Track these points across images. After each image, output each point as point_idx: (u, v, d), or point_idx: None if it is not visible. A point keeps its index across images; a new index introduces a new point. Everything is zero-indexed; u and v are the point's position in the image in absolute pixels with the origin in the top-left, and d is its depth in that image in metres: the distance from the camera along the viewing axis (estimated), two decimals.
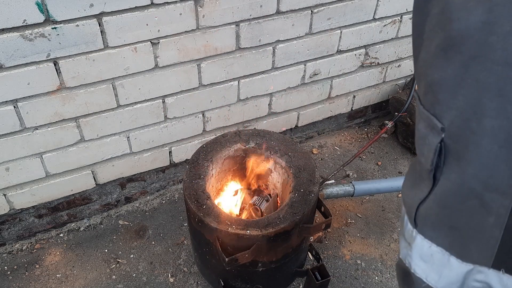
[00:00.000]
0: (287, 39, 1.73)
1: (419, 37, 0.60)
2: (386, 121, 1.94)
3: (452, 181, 0.56)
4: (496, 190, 0.51)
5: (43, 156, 1.55)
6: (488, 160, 0.50)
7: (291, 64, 1.83)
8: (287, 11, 1.64)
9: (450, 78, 0.52)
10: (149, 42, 1.47)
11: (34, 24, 1.27)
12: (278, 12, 1.63)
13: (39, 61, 1.34)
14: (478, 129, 0.50)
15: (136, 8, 1.38)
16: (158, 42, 1.48)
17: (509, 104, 0.47)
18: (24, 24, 1.25)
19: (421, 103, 0.59)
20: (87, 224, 1.82)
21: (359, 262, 1.69)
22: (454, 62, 0.51)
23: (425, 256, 0.63)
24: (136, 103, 1.60)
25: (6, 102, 1.37)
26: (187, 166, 1.44)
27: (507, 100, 0.47)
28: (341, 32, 1.84)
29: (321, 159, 2.15)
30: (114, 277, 1.63)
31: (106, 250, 1.72)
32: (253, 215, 1.54)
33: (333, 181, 1.89)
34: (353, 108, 2.23)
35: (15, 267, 1.66)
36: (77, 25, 1.32)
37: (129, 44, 1.44)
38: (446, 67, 0.52)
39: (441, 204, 0.59)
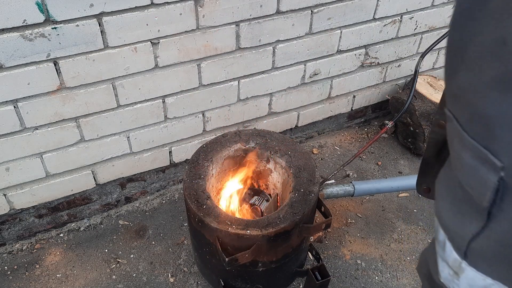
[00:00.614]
0: (287, 39, 1.73)
1: (458, 54, 0.54)
2: (386, 121, 1.94)
3: None
4: None
5: (43, 156, 1.55)
6: None
7: (291, 64, 1.83)
8: (287, 11, 1.64)
9: (511, 115, 0.47)
10: (149, 42, 1.47)
11: (34, 24, 1.27)
12: (278, 12, 1.63)
13: (39, 61, 1.34)
14: None
15: (136, 8, 1.38)
16: (158, 42, 1.48)
17: None
18: (24, 24, 1.25)
19: (464, 129, 0.54)
20: (87, 224, 1.82)
21: (359, 262, 1.69)
22: None
23: (477, 287, 0.61)
24: (136, 103, 1.60)
25: (6, 102, 1.37)
26: (187, 166, 1.44)
27: None
28: (341, 32, 1.84)
29: (321, 159, 2.15)
30: (114, 277, 1.63)
31: (106, 250, 1.72)
32: (253, 215, 1.54)
33: (333, 181, 1.89)
34: (353, 108, 2.23)
35: (15, 267, 1.66)
36: (77, 25, 1.32)
37: (129, 44, 1.44)
38: (507, 103, 0.47)
39: (502, 242, 0.55)
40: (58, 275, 1.63)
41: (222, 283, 1.41)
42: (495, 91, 0.48)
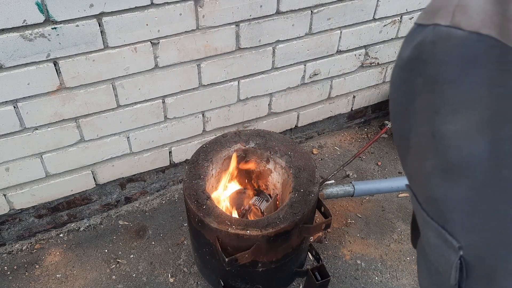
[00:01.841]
0: (287, 39, 1.73)
1: (403, 139, 0.56)
2: (386, 121, 1.94)
3: None
4: None
5: (43, 156, 1.55)
6: None
7: (291, 64, 1.83)
8: (287, 11, 1.64)
9: (460, 201, 0.48)
10: (149, 42, 1.47)
11: (34, 24, 1.27)
12: (278, 12, 1.63)
13: (39, 61, 1.34)
14: (509, 257, 0.47)
15: (136, 8, 1.38)
16: (158, 42, 1.48)
17: None
18: (24, 24, 1.25)
19: (423, 208, 0.54)
20: (87, 224, 1.82)
21: (359, 262, 1.68)
22: (461, 185, 0.47)
23: None
24: (136, 103, 1.60)
25: (6, 102, 1.37)
26: (187, 166, 1.44)
27: None
28: (341, 32, 1.84)
29: (321, 159, 2.15)
30: (114, 277, 1.63)
31: (106, 250, 1.72)
32: (253, 215, 1.54)
33: (333, 181, 1.89)
34: (353, 108, 2.23)
35: (15, 267, 1.66)
36: (77, 25, 1.32)
37: (129, 44, 1.44)
38: (452, 189, 0.48)
39: None
40: (58, 275, 1.63)
41: (222, 283, 1.41)
42: (438, 178, 0.49)
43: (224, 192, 1.57)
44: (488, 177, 0.45)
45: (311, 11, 1.70)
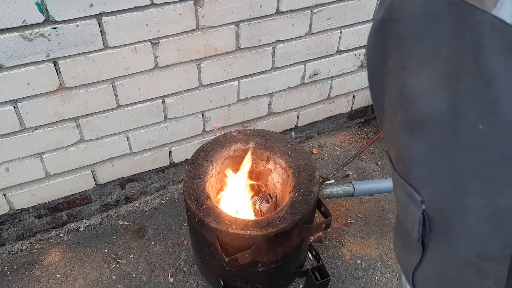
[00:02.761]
0: (287, 39, 1.73)
1: (379, 105, 0.59)
2: None
3: (444, 252, 0.55)
4: (491, 258, 0.51)
5: (43, 156, 1.55)
6: (477, 234, 0.50)
7: (291, 64, 1.83)
8: (287, 11, 1.64)
9: (422, 156, 0.52)
10: (149, 42, 1.47)
11: (34, 24, 1.27)
12: (278, 12, 1.63)
13: (39, 61, 1.34)
14: (462, 206, 0.50)
15: (136, 8, 1.38)
16: (158, 42, 1.48)
17: (489, 186, 0.47)
18: (24, 24, 1.25)
19: (395, 169, 0.58)
20: (87, 224, 1.82)
21: (359, 262, 1.69)
22: (424, 141, 0.51)
23: None
24: (136, 103, 1.60)
25: (6, 102, 1.37)
26: (187, 166, 1.44)
27: (487, 182, 0.47)
28: (341, 32, 1.84)
29: (321, 159, 2.15)
30: (114, 277, 1.63)
31: (106, 250, 1.72)
32: (253, 215, 1.54)
33: (333, 181, 1.89)
34: (353, 108, 2.23)
35: (15, 267, 1.66)
36: (77, 25, 1.32)
37: (129, 44, 1.44)
38: (416, 145, 0.52)
39: (437, 272, 0.58)
40: (57, 275, 1.63)
41: (222, 283, 1.41)
42: (405, 135, 0.53)
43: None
44: (446, 129, 0.48)
45: (311, 11, 1.70)
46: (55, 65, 1.37)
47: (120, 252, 1.71)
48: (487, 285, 0.54)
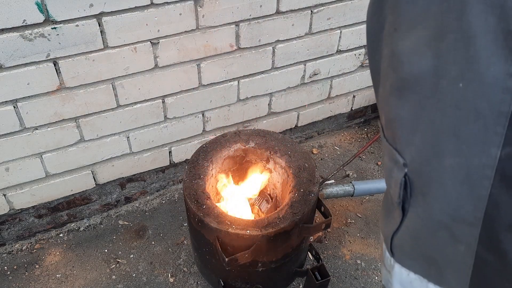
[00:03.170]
0: (287, 39, 1.73)
1: (377, 74, 0.61)
2: None
3: (420, 215, 0.57)
4: (464, 221, 0.52)
5: (43, 156, 1.55)
6: (452, 196, 0.52)
7: (291, 64, 1.83)
8: (287, 11, 1.64)
9: (406, 117, 0.54)
10: (149, 42, 1.47)
11: (34, 24, 1.27)
12: (278, 12, 1.63)
13: (38, 61, 1.34)
14: (439, 167, 0.52)
15: (136, 8, 1.38)
16: (158, 42, 1.48)
17: (464, 145, 0.48)
18: (24, 24, 1.25)
19: (384, 136, 0.61)
20: (87, 224, 1.82)
21: (359, 262, 1.69)
22: (409, 101, 0.52)
23: (404, 283, 0.65)
24: (136, 103, 1.60)
25: (6, 102, 1.37)
26: (187, 166, 1.44)
27: (462, 141, 0.48)
28: (341, 32, 1.84)
29: (321, 159, 2.15)
30: (114, 277, 1.63)
31: (106, 250, 1.72)
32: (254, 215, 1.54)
33: (333, 181, 1.89)
34: (353, 108, 2.23)
35: (15, 267, 1.66)
36: (77, 25, 1.32)
37: (129, 44, 1.44)
38: (402, 106, 0.54)
39: (413, 235, 0.61)
40: (58, 275, 1.63)
41: (222, 283, 1.41)
42: (393, 97, 0.55)
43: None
44: (429, 89, 0.49)
45: (311, 11, 1.70)
46: (55, 65, 1.37)
47: (120, 252, 1.71)
48: (459, 250, 0.55)
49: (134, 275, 1.63)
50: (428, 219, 0.56)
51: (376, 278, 1.63)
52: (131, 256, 1.70)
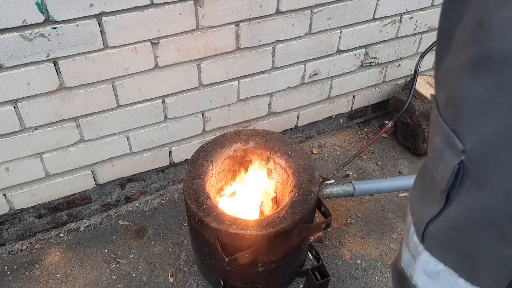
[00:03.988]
0: (287, 39, 1.73)
1: (447, 40, 0.54)
2: (386, 121, 1.94)
3: (470, 207, 0.52)
4: None
5: (43, 156, 1.55)
6: None
7: (291, 64, 1.83)
8: (287, 11, 1.64)
9: (480, 99, 0.47)
10: (149, 42, 1.47)
11: (34, 24, 1.26)
12: (278, 12, 1.63)
13: (38, 61, 1.34)
14: (508, 161, 0.46)
15: (136, 8, 1.38)
16: (158, 42, 1.48)
17: None
18: (24, 24, 1.25)
19: (440, 113, 0.54)
20: (87, 224, 1.82)
21: (359, 262, 1.69)
22: (487, 82, 0.46)
23: (430, 272, 0.62)
24: (136, 103, 1.60)
25: (6, 102, 1.37)
26: (187, 166, 1.44)
27: None
28: (341, 32, 1.84)
29: (321, 159, 2.15)
30: (114, 277, 1.63)
31: (106, 250, 1.72)
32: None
33: (333, 181, 1.89)
34: (353, 108, 2.23)
35: (15, 267, 1.66)
36: (77, 25, 1.32)
37: (129, 44, 1.44)
38: (476, 86, 0.47)
39: (454, 227, 0.56)
40: (58, 275, 1.63)
41: (222, 283, 1.41)
42: (467, 73, 0.48)
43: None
44: None
45: (311, 11, 1.70)
46: (55, 65, 1.37)
47: (120, 252, 1.71)
48: (505, 252, 0.52)
49: (134, 275, 1.63)
50: (478, 213, 0.52)
51: (376, 278, 1.63)
52: (131, 256, 1.70)
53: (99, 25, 1.36)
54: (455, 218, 0.55)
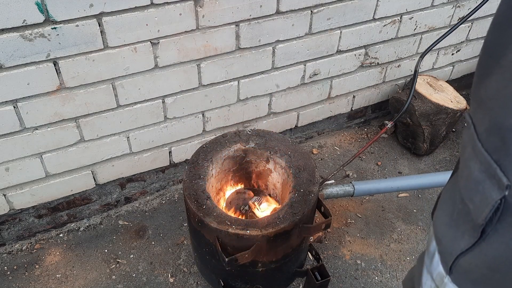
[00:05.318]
0: (287, 39, 1.73)
1: (494, 58, 0.48)
2: (386, 121, 1.94)
3: (511, 247, 0.48)
4: None
5: (43, 156, 1.55)
6: None
7: (291, 64, 1.83)
8: (287, 11, 1.64)
9: None
10: (149, 42, 1.47)
11: (34, 24, 1.27)
12: (278, 12, 1.63)
13: (39, 61, 1.34)
14: None
15: (136, 8, 1.38)
16: (158, 42, 1.48)
17: None
18: (24, 24, 1.25)
19: (479, 138, 0.50)
20: (87, 224, 1.82)
21: (359, 262, 1.69)
22: None
23: None
24: (136, 103, 1.60)
25: (6, 102, 1.37)
26: (187, 166, 1.44)
27: None
28: (341, 32, 1.84)
29: (321, 159, 2.15)
30: (114, 277, 1.63)
31: (106, 250, 1.72)
32: (253, 215, 1.54)
33: (333, 181, 1.89)
34: (353, 108, 2.23)
35: (15, 267, 1.66)
36: (77, 25, 1.32)
37: (129, 44, 1.44)
38: None
39: (491, 266, 0.52)
40: (57, 275, 1.63)
41: (222, 283, 1.41)
42: None
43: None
44: None
45: (311, 11, 1.70)
46: (55, 65, 1.37)
47: (120, 252, 1.71)
48: None
49: (134, 275, 1.63)
50: None
51: (376, 278, 1.63)
52: (131, 256, 1.70)
53: (99, 25, 1.36)
54: (493, 257, 0.51)
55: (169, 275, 1.63)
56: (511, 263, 0.49)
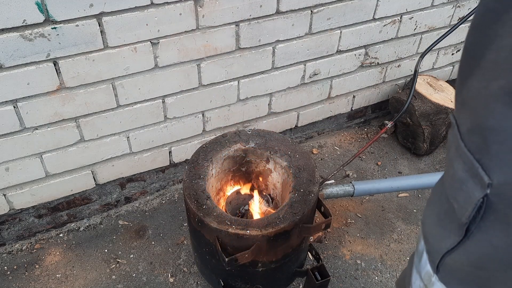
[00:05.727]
0: (287, 39, 1.73)
1: (474, 59, 0.49)
2: (386, 121, 1.94)
3: (493, 245, 0.49)
4: None
5: (43, 156, 1.55)
6: None
7: (291, 64, 1.83)
8: (287, 11, 1.64)
9: None
10: (149, 42, 1.47)
11: (34, 24, 1.27)
12: (278, 12, 1.63)
13: (38, 61, 1.34)
14: None
15: (136, 8, 1.38)
16: (158, 42, 1.48)
17: None
18: (24, 24, 1.25)
19: (462, 138, 0.51)
20: (87, 224, 1.82)
21: (359, 262, 1.69)
22: None
23: None
24: (136, 103, 1.60)
25: (6, 102, 1.37)
26: (187, 166, 1.44)
27: None
28: (341, 32, 1.84)
29: (321, 159, 2.15)
30: (114, 277, 1.63)
31: (106, 250, 1.72)
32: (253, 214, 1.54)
33: (333, 181, 1.89)
34: (353, 108, 2.23)
35: (15, 267, 1.66)
36: (77, 25, 1.32)
37: (129, 44, 1.44)
38: (510, 120, 0.43)
39: (475, 264, 0.53)
40: (57, 275, 1.63)
41: (222, 283, 1.41)
42: (500, 103, 0.44)
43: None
44: None
45: (311, 11, 1.70)
46: (55, 65, 1.37)
47: (120, 252, 1.71)
48: None
49: (134, 275, 1.63)
50: (504, 252, 0.48)
51: (376, 278, 1.63)
52: (131, 256, 1.70)
53: (99, 25, 1.36)
54: (477, 255, 0.52)
55: (169, 275, 1.63)
56: (494, 261, 0.50)
